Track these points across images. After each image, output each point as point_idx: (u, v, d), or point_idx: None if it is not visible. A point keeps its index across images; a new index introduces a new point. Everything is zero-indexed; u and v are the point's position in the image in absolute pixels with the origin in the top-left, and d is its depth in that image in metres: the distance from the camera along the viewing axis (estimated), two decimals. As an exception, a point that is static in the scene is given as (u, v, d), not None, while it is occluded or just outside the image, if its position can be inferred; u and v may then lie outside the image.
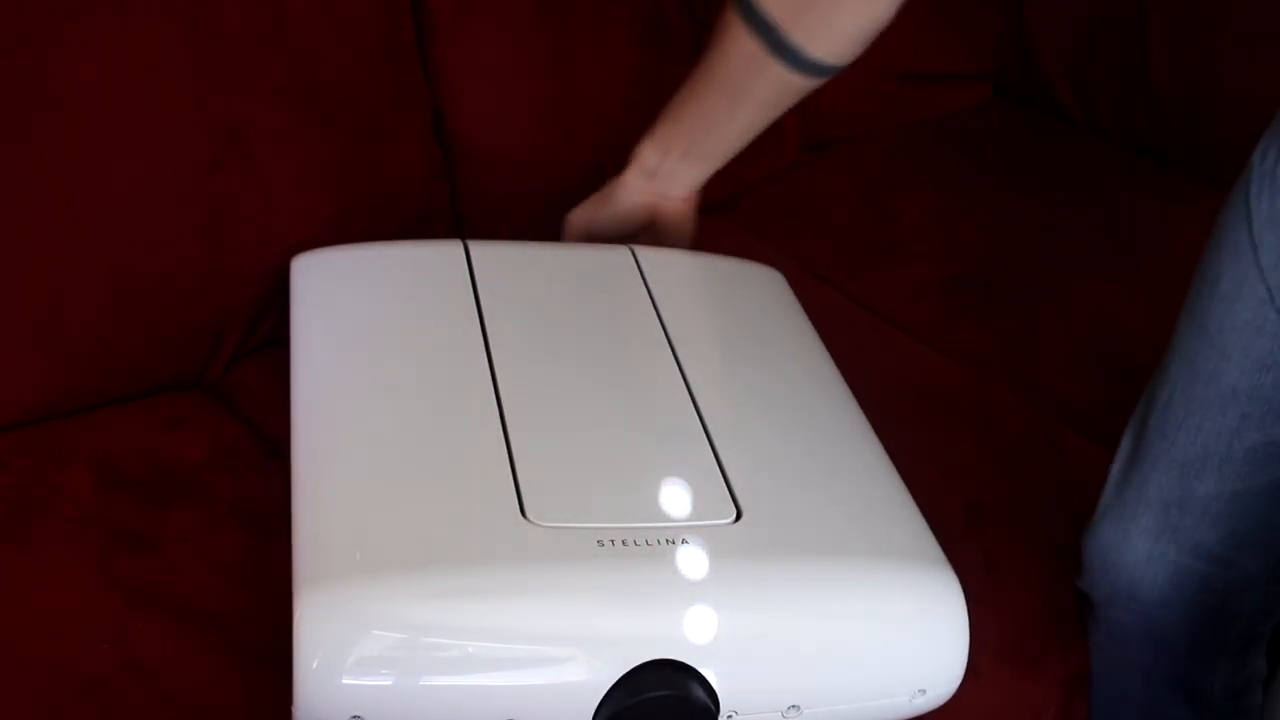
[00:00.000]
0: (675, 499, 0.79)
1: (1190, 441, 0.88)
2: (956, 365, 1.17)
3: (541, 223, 1.20)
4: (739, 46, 0.97)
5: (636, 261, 1.01)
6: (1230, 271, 0.85)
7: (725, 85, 1.00)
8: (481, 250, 0.98)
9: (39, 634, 0.81)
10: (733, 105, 1.01)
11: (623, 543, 0.74)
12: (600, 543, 0.74)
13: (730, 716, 0.74)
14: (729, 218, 1.17)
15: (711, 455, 0.83)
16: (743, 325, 1.02)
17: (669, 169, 1.04)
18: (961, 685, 0.80)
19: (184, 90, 0.98)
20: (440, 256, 0.98)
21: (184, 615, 0.83)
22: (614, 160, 1.08)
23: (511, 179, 1.18)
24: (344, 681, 0.69)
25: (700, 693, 0.72)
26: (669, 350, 0.92)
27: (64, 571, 0.85)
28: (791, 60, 0.96)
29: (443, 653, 0.70)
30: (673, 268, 1.03)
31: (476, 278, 0.95)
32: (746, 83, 0.99)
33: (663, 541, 0.75)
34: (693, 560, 0.75)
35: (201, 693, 0.79)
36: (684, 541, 0.75)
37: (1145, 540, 0.92)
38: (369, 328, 0.91)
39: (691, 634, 0.72)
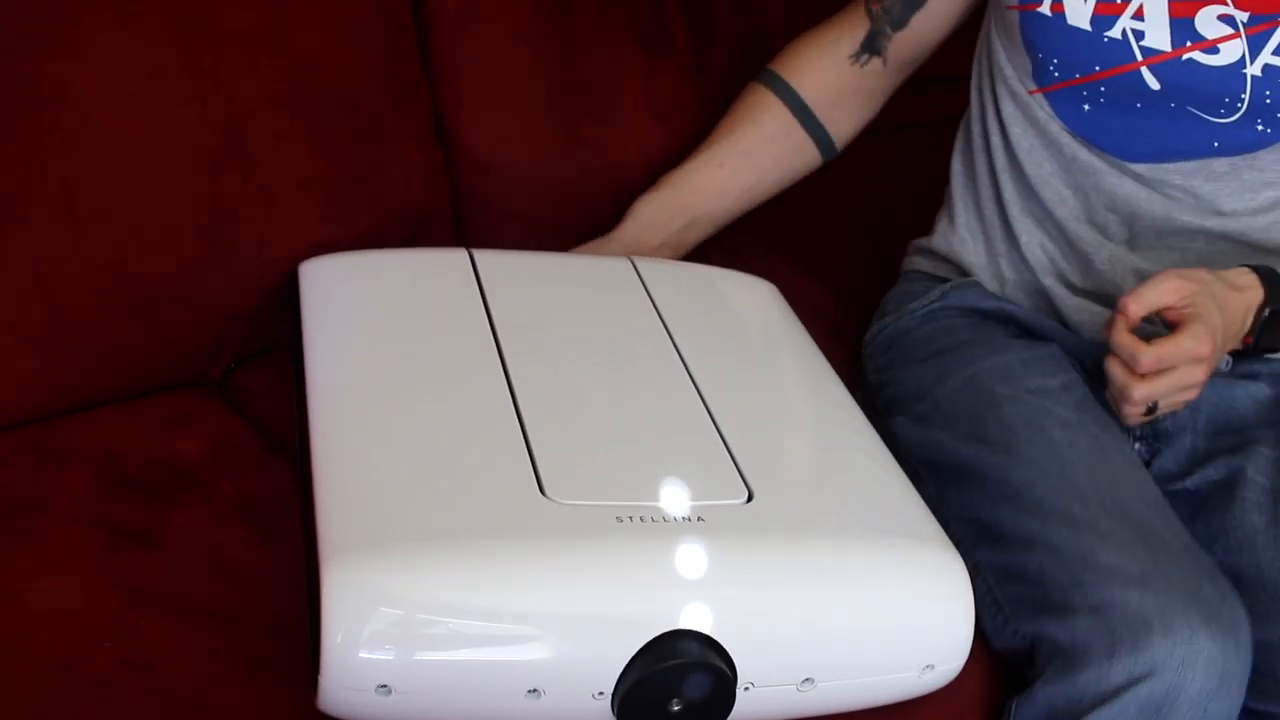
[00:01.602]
0: (689, 481, 0.80)
1: None
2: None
3: (542, 223, 1.20)
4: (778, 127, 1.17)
5: (636, 270, 1.04)
6: None
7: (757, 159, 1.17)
8: (485, 257, 1.01)
9: (40, 633, 0.80)
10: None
11: (641, 519, 0.75)
12: (619, 519, 0.75)
13: (748, 688, 0.75)
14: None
15: (720, 442, 0.84)
16: (741, 326, 1.05)
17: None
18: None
19: (185, 92, 0.98)
20: (445, 262, 1.01)
21: (185, 613, 0.83)
22: (614, 162, 1.08)
23: (512, 180, 1.18)
24: (368, 655, 0.70)
25: (720, 662, 0.73)
26: (673, 348, 0.94)
27: (65, 570, 0.84)
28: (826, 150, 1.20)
29: (469, 625, 0.71)
30: (670, 276, 1.07)
31: (483, 281, 0.98)
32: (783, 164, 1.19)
33: (680, 519, 0.76)
34: (710, 537, 0.76)
35: (202, 691, 0.79)
36: (700, 519, 0.76)
37: None
38: (383, 325, 0.93)
39: (711, 607, 0.74)
